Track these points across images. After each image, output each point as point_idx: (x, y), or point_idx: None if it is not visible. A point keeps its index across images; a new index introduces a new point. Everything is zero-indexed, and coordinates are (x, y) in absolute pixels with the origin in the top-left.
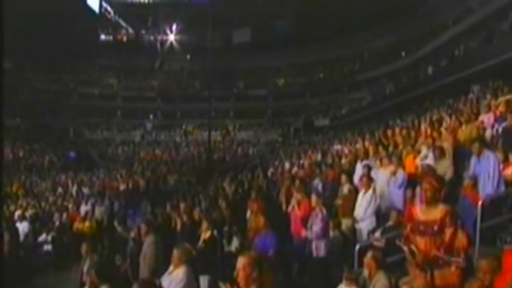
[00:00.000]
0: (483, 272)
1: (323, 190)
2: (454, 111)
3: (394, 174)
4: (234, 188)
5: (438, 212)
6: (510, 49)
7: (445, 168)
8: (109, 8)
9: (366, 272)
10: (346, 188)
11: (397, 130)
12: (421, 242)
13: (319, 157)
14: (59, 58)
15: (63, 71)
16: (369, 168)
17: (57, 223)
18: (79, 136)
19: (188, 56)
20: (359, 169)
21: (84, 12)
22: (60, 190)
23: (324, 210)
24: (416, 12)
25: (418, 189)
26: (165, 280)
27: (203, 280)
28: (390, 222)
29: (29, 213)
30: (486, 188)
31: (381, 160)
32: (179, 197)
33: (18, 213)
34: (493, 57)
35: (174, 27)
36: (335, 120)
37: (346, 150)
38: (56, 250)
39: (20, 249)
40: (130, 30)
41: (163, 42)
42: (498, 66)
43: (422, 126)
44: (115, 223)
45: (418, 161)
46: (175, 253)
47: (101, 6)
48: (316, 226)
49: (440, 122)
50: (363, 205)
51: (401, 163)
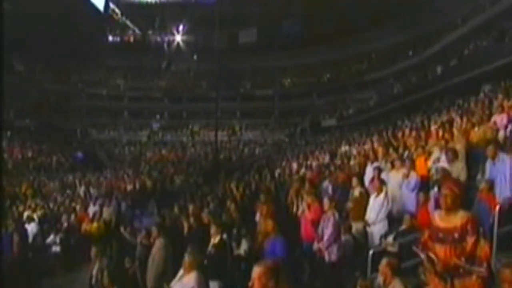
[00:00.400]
0: (508, 282)
1: (333, 192)
2: (465, 112)
3: (406, 177)
4: (242, 189)
5: (458, 219)
6: None
7: (458, 170)
8: (116, 9)
9: (381, 279)
10: (357, 191)
11: (406, 131)
12: (440, 249)
13: (327, 158)
14: (67, 59)
15: (71, 72)
16: (379, 170)
17: (65, 224)
18: (87, 136)
19: (195, 56)
20: (370, 171)
21: (91, 13)
22: (68, 191)
23: (336, 214)
24: (423, 11)
25: (431, 192)
26: (175, 286)
27: (213, 285)
28: (403, 226)
29: (37, 214)
30: (503, 191)
31: (392, 162)
32: (187, 198)
33: (27, 214)
34: (504, 56)
35: (180, 28)
36: (342, 120)
37: (354, 151)
38: (64, 251)
39: (29, 250)
40: (137, 31)
41: (170, 43)
42: (510, 65)
43: (432, 127)
44: (122, 229)
45: (430, 163)
46: (186, 258)
47: (108, 7)
48: (327, 230)
49: (450, 123)
50: (375, 208)
51: (413, 166)
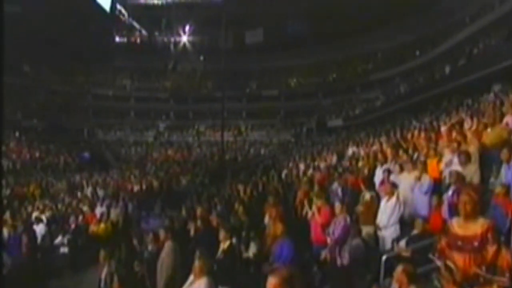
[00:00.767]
0: None
1: (342, 195)
2: (475, 112)
3: (418, 179)
4: (249, 191)
5: (478, 226)
6: None
7: (471, 174)
8: (123, 10)
9: (395, 286)
10: (367, 194)
11: (415, 133)
12: (459, 258)
13: (335, 159)
14: (74, 60)
15: (78, 73)
16: (389, 172)
17: (72, 226)
18: (93, 136)
19: (201, 57)
20: (379, 173)
21: (98, 15)
22: (75, 192)
23: (348, 219)
24: (430, 10)
25: (445, 196)
26: None
27: None
28: (416, 231)
29: (45, 215)
30: None
31: (400, 164)
32: (193, 199)
33: (35, 214)
34: None
35: (187, 29)
36: (348, 120)
37: (362, 152)
38: (72, 252)
39: (37, 251)
40: (144, 32)
41: (176, 44)
42: None
43: (442, 128)
44: (134, 241)
45: (442, 166)
46: (197, 263)
47: (115, 8)
48: (336, 232)
49: (461, 123)
50: (387, 212)
51: (425, 168)
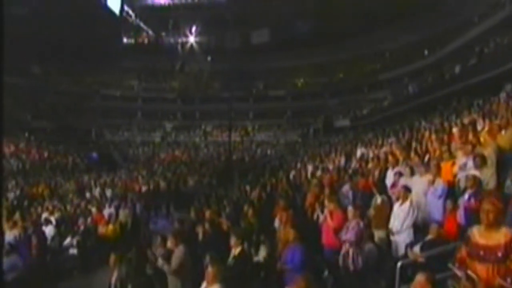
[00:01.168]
0: None
1: (353, 198)
2: (487, 113)
3: (432, 183)
4: (258, 192)
5: (501, 236)
6: None
7: (487, 178)
8: (130, 11)
9: None
10: (379, 198)
11: (426, 134)
12: (481, 268)
13: (343, 160)
14: (83, 61)
15: (86, 74)
16: (400, 175)
17: (81, 227)
18: (101, 137)
19: (208, 58)
20: (391, 176)
21: (106, 16)
22: (84, 192)
23: (361, 224)
24: (438, 9)
25: (460, 200)
26: None
27: None
28: (430, 236)
29: (54, 216)
30: None
31: (411, 167)
32: (201, 200)
33: (44, 216)
34: None
35: (193, 29)
36: (356, 120)
37: (371, 154)
38: (81, 254)
39: (47, 253)
40: (151, 33)
41: (183, 44)
42: None
43: (454, 129)
44: (144, 244)
45: (456, 169)
46: (210, 270)
47: (123, 10)
48: (348, 235)
49: (473, 125)
50: (400, 217)
51: (439, 172)
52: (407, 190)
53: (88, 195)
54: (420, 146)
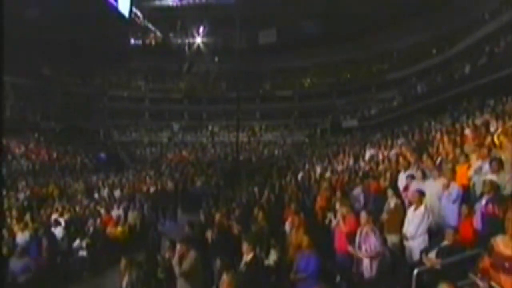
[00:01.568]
0: None
1: (365, 201)
2: (501, 114)
3: (446, 187)
4: (267, 195)
5: None
6: None
7: (504, 182)
8: (138, 13)
9: None
10: (392, 202)
11: (438, 135)
12: (506, 280)
13: (351, 161)
14: (91, 62)
15: (95, 75)
16: (412, 178)
17: (91, 229)
18: (109, 137)
19: (216, 58)
20: (403, 179)
21: (115, 18)
22: (93, 193)
23: (377, 231)
24: (446, 7)
25: (477, 205)
26: None
27: None
28: (446, 242)
29: (64, 218)
30: None
31: (423, 170)
32: (210, 202)
33: (54, 217)
34: None
35: (201, 30)
36: (364, 121)
37: (381, 156)
38: (91, 256)
39: (57, 255)
40: (159, 34)
41: (191, 45)
42: None
43: (467, 131)
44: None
45: (471, 173)
46: (225, 278)
47: (131, 11)
48: (366, 244)
49: (486, 126)
50: (415, 222)
51: (454, 176)
52: (422, 194)
53: (96, 196)
54: (431, 148)
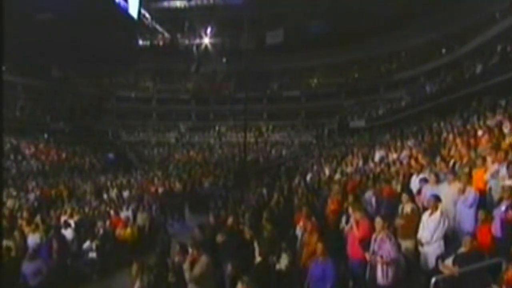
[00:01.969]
0: None
1: (377, 205)
2: None
3: (462, 192)
4: (276, 197)
5: None
6: None
7: None
8: (146, 14)
9: None
10: (408, 207)
11: (450, 137)
12: None
13: (361, 163)
14: (100, 63)
15: (103, 76)
16: (425, 182)
17: (101, 230)
18: (117, 138)
19: (224, 59)
20: (416, 183)
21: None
22: (101, 194)
23: (392, 237)
24: (455, 5)
25: (495, 211)
26: None
27: None
28: (463, 248)
29: (73, 219)
30: None
31: (436, 173)
32: (218, 204)
33: (63, 219)
34: None
35: (208, 30)
36: (371, 121)
37: (391, 157)
38: (100, 258)
39: (67, 257)
40: (167, 35)
41: (198, 46)
42: None
43: (479, 132)
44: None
45: (487, 177)
46: (240, 286)
47: (139, 12)
48: (382, 251)
49: (499, 127)
50: (430, 227)
51: (470, 180)
52: (438, 199)
53: (105, 197)
54: (443, 150)
